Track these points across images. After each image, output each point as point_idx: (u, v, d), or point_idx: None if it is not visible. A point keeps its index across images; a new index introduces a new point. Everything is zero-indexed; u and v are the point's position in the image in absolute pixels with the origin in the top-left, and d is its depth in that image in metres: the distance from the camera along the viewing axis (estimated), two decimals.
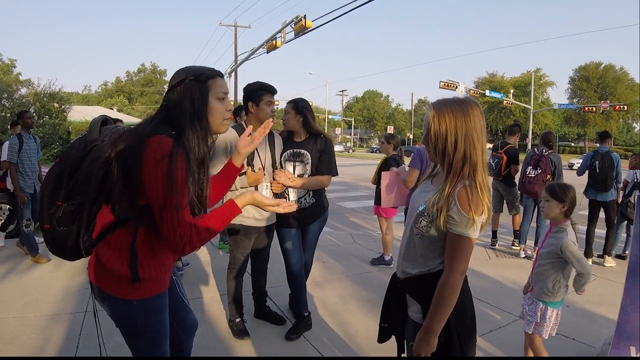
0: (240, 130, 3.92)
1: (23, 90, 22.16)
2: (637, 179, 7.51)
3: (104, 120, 2.23)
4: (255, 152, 3.90)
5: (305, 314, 4.35)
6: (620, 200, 7.61)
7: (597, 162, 7.40)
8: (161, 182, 1.84)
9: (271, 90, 3.90)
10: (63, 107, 19.72)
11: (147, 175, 1.85)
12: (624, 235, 7.88)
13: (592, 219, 7.62)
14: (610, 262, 7.30)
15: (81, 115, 22.33)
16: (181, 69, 2.10)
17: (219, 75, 2.13)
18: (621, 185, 7.55)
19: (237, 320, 4.20)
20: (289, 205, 2.24)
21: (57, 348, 3.74)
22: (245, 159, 3.80)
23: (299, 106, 4.18)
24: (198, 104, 2.02)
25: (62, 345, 3.78)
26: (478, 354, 3.81)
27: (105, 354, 2.60)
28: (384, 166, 6.45)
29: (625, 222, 7.63)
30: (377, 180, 6.50)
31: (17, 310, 4.40)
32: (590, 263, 6.88)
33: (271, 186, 3.96)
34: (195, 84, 2.02)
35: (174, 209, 1.86)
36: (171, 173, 1.84)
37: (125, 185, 1.92)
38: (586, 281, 3.28)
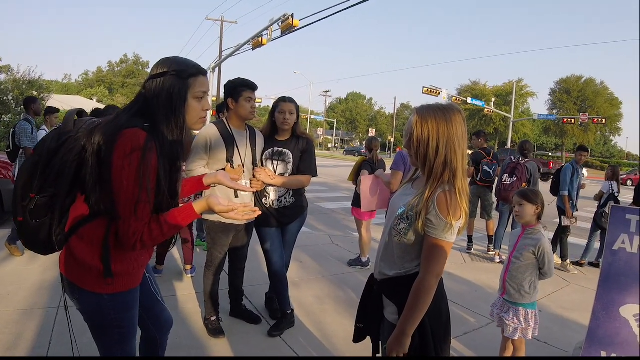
0: (221, 126, 3.92)
1: (2, 77, 21.77)
2: (612, 190, 7.69)
3: (79, 112, 2.22)
4: (236, 148, 3.88)
5: (289, 312, 4.35)
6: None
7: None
8: (126, 175, 1.83)
9: (251, 87, 3.88)
10: (42, 95, 19.43)
11: (114, 167, 1.84)
12: (597, 244, 8.00)
13: None
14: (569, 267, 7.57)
15: (60, 104, 22.04)
16: (165, 58, 2.07)
17: (202, 73, 2.10)
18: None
19: (213, 318, 4.18)
20: (246, 211, 2.20)
21: (29, 344, 3.68)
22: (224, 157, 3.82)
23: (297, 107, 4.22)
24: (176, 101, 2.00)
25: (35, 341, 3.73)
26: (452, 355, 3.85)
27: (77, 350, 2.56)
28: (360, 169, 6.49)
29: (599, 231, 7.78)
30: (356, 182, 6.51)
31: None
32: None
33: (251, 183, 3.96)
34: (176, 79, 2.00)
35: (132, 204, 1.86)
36: (138, 167, 1.84)
37: (100, 176, 1.90)
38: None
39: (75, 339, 2.42)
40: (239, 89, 3.85)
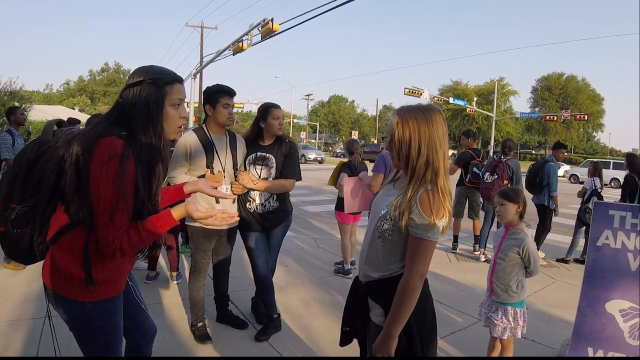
0: (200, 132, 3.91)
1: None
2: (595, 186, 7.76)
3: (59, 123, 2.22)
4: (216, 154, 3.87)
5: (275, 316, 4.33)
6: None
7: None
8: (104, 183, 1.83)
9: (228, 92, 3.87)
10: (24, 106, 19.31)
11: (92, 176, 1.84)
12: (582, 240, 8.05)
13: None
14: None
15: (42, 114, 21.94)
16: (141, 67, 2.07)
17: (178, 80, 2.11)
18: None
19: (199, 324, 4.15)
20: (224, 217, 2.19)
21: (16, 354, 3.64)
22: (204, 163, 3.81)
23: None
24: (153, 110, 2.01)
25: (22, 352, 3.69)
26: (439, 355, 3.84)
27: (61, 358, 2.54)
28: (340, 172, 6.46)
29: (584, 227, 7.82)
30: (336, 185, 6.49)
31: None
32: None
33: (232, 187, 3.94)
34: (153, 87, 2.01)
35: (110, 212, 1.86)
36: (115, 175, 1.83)
37: (78, 185, 1.90)
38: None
39: (59, 348, 2.40)
40: (216, 95, 3.85)
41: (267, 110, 4.14)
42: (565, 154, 8.24)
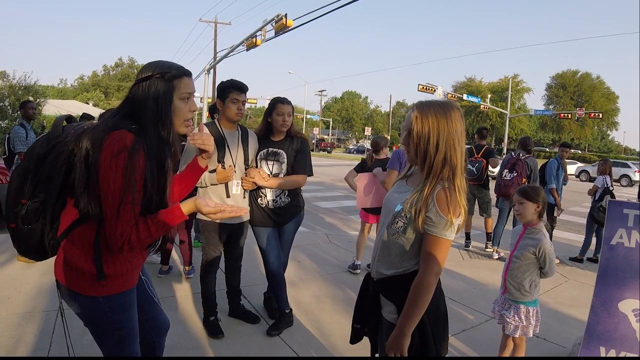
0: (212, 127, 3.92)
1: None
2: (607, 184, 7.70)
3: (68, 118, 2.22)
4: (227, 149, 3.89)
5: (287, 311, 4.35)
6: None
7: None
8: (113, 176, 1.84)
9: (238, 88, 3.87)
10: (38, 100, 19.43)
11: (102, 169, 1.85)
12: (595, 239, 8.01)
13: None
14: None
15: (56, 109, 22.04)
16: (150, 63, 2.08)
17: (186, 74, 2.12)
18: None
19: (212, 319, 4.19)
20: (233, 210, 2.17)
21: (29, 347, 3.67)
22: (215, 157, 3.82)
23: (292, 108, 4.22)
24: (162, 104, 2.01)
25: (35, 344, 3.72)
26: (450, 353, 3.84)
27: (72, 353, 2.56)
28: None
29: (596, 225, 7.78)
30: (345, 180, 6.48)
31: None
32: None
33: (242, 183, 3.95)
34: (161, 82, 2.02)
35: (118, 205, 1.86)
36: (125, 168, 1.84)
37: (88, 179, 1.91)
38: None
39: (71, 344, 2.42)
40: (227, 90, 3.86)
41: (272, 105, 4.16)
42: (570, 151, 8.46)
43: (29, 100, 8.29)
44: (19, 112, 17.16)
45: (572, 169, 42.38)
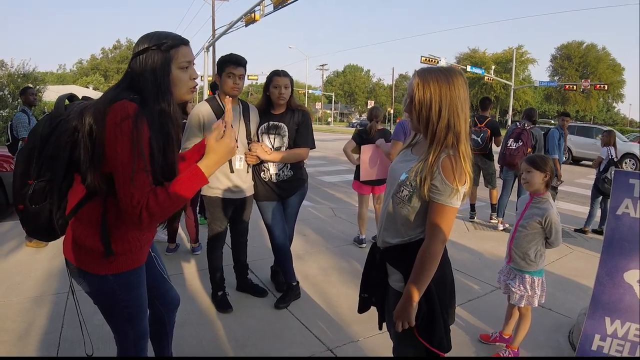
0: (213, 103, 3.91)
1: None
2: (611, 155, 7.68)
3: (70, 97, 2.20)
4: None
5: (294, 284, 4.40)
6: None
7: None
8: (120, 144, 1.80)
9: (234, 62, 3.80)
10: (37, 87, 19.31)
11: (108, 139, 1.82)
12: (600, 210, 8.01)
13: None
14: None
15: (56, 95, 21.86)
16: (146, 34, 2.03)
17: (184, 43, 2.06)
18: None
19: (220, 293, 4.23)
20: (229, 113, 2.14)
21: (41, 330, 3.70)
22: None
23: (292, 80, 4.18)
24: (160, 76, 1.97)
25: (47, 327, 3.75)
26: (457, 323, 3.87)
27: (86, 332, 2.58)
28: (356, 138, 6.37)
29: (601, 197, 7.78)
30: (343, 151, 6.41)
31: (0, 295, 4.34)
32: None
33: (245, 158, 3.96)
34: (158, 53, 1.97)
35: (130, 172, 1.81)
36: (131, 135, 1.81)
37: (93, 152, 1.88)
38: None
39: (84, 321, 2.43)
40: (223, 64, 3.82)
41: (270, 78, 4.13)
42: (568, 121, 8.76)
43: (28, 86, 8.29)
44: (19, 100, 17.17)
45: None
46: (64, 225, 2.08)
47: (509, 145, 7.43)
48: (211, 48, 32.68)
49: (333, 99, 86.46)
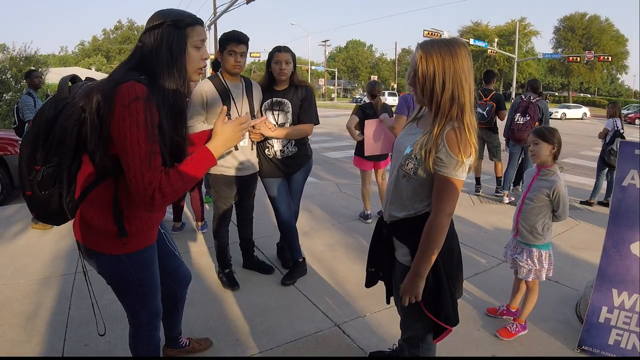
0: (216, 80, 3.88)
1: None
2: (617, 127, 7.63)
3: (73, 78, 2.17)
4: (232, 102, 3.84)
5: (300, 260, 4.41)
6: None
7: None
8: (128, 126, 1.78)
9: (235, 39, 3.76)
10: (40, 70, 19.22)
11: (115, 121, 1.79)
12: (605, 182, 7.99)
13: None
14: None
15: (59, 77, 21.75)
16: (160, 10, 2.01)
17: (199, 22, 2.04)
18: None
19: (226, 271, 4.24)
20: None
21: (49, 311, 3.72)
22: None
23: (294, 56, 4.14)
24: (176, 52, 1.95)
25: (55, 308, 3.77)
26: (463, 297, 3.88)
27: (98, 312, 2.59)
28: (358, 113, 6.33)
29: (606, 169, 7.75)
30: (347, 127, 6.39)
31: (7, 277, 4.35)
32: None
33: (250, 135, 3.94)
34: (174, 29, 1.94)
35: (140, 154, 1.80)
36: (138, 117, 1.79)
37: (101, 132, 1.85)
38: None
39: (97, 301, 2.45)
40: (224, 42, 3.78)
41: (271, 54, 4.08)
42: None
43: (33, 69, 8.27)
44: (22, 83, 17.07)
45: (578, 113, 42.01)
46: (74, 208, 2.07)
47: (516, 119, 7.37)
48: (212, 26, 32.44)
49: (336, 75, 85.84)
